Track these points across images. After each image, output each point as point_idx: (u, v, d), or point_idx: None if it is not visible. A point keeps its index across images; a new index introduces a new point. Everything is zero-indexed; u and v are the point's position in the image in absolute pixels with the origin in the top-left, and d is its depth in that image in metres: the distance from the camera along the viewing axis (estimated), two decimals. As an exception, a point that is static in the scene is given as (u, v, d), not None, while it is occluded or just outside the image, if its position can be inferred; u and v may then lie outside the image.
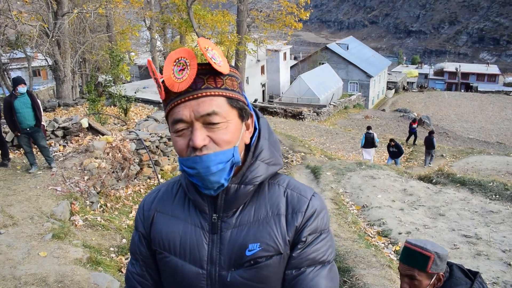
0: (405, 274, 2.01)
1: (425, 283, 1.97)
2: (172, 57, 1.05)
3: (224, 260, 1.14)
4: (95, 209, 6.30)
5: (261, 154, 1.17)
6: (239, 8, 19.87)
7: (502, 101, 45.96)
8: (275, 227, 1.14)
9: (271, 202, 1.17)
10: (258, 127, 1.21)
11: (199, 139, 1.04)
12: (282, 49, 38.55)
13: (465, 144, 24.52)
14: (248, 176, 1.14)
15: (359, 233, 6.09)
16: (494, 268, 5.08)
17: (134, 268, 1.29)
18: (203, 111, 1.04)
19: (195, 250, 1.16)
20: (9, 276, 3.80)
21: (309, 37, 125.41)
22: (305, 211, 1.16)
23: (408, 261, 2.00)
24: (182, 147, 1.08)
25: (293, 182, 1.23)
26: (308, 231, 1.15)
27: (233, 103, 1.09)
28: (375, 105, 44.66)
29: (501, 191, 8.27)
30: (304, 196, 1.19)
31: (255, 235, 1.13)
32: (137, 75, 32.66)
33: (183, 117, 1.05)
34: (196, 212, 1.19)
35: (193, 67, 1.03)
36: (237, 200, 1.14)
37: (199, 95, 1.05)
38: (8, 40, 15.12)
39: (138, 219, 1.30)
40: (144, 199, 1.32)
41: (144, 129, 8.86)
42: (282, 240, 1.13)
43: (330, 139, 19.53)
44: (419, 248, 1.97)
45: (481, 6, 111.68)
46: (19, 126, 6.31)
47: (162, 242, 1.20)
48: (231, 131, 1.08)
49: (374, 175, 9.28)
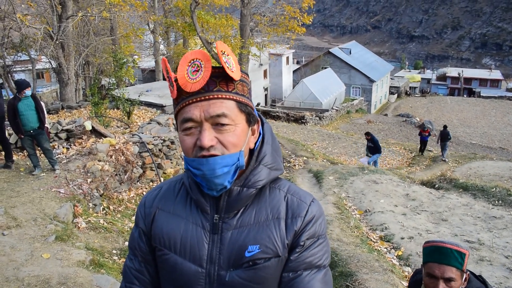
0: (443, 276, 1.84)
1: (459, 284, 1.86)
2: (187, 58, 1.08)
3: (224, 260, 1.16)
4: (98, 212, 6.32)
5: (264, 158, 1.19)
6: (243, 12, 19.93)
7: (504, 107, 45.88)
8: (274, 230, 1.17)
9: (271, 205, 1.20)
10: (262, 132, 1.25)
11: (207, 139, 1.06)
12: (284, 53, 38.60)
13: (467, 150, 24.47)
14: (251, 179, 1.16)
15: (362, 237, 6.08)
16: (497, 273, 5.06)
17: (132, 263, 1.31)
18: (213, 112, 1.07)
19: (195, 249, 1.18)
20: (13, 278, 3.81)
21: (311, 41, 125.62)
22: (304, 216, 1.19)
23: (445, 260, 1.85)
24: (189, 146, 1.10)
25: (293, 187, 1.26)
26: (306, 236, 1.18)
27: (242, 107, 1.12)
28: (377, 109, 44.64)
29: (504, 196, 8.26)
30: (304, 201, 1.22)
31: (255, 237, 1.16)
32: (140, 78, 32.75)
33: (193, 116, 1.08)
34: (197, 211, 1.21)
35: (207, 69, 1.06)
36: (239, 202, 1.17)
37: (210, 97, 1.08)
38: (13, 43, 15.18)
39: (139, 215, 1.31)
40: (145, 196, 1.34)
41: (147, 132, 8.88)
42: (281, 243, 1.16)
43: (332, 144, 19.52)
44: (454, 245, 1.86)
45: (483, 12, 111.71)
46: (22, 128, 6.33)
47: (162, 239, 1.22)
48: (238, 134, 1.11)
49: (376, 180, 9.26)
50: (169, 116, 10.44)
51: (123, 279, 1.34)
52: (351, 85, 43.52)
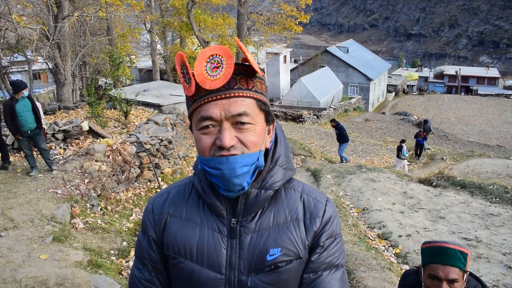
0: (447, 277, 1.80)
1: (461, 284, 1.83)
2: (205, 54, 1.03)
3: (244, 264, 1.13)
4: (95, 212, 6.30)
5: (279, 159, 1.18)
6: (239, 11, 19.90)
7: (502, 104, 46.02)
8: (295, 232, 1.15)
9: (289, 207, 1.18)
10: (275, 132, 1.22)
11: (228, 139, 1.03)
12: (282, 52, 38.63)
13: (465, 147, 24.53)
14: (268, 181, 1.14)
15: (360, 236, 6.09)
16: (495, 271, 5.08)
17: (141, 273, 1.25)
18: (234, 111, 1.04)
19: (213, 255, 1.14)
20: (10, 279, 3.80)
21: (309, 40, 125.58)
22: (322, 216, 1.18)
23: (450, 261, 1.80)
24: (207, 146, 1.07)
25: (307, 187, 1.25)
26: (326, 236, 1.18)
27: (261, 106, 1.10)
28: (375, 108, 44.70)
29: (501, 194, 8.28)
30: (320, 201, 1.21)
31: (276, 240, 1.14)
32: (137, 78, 32.69)
33: (212, 115, 1.04)
34: (212, 215, 1.17)
35: (229, 66, 1.02)
36: (257, 205, 1.14)
37: (231, 95, 1.04)
38: (9, 44, 15.13)
39: (147, 223, 1.25)
40: (151, 201, 1.28)
41: (145, 132, 8.87)
42: (302, 245, 1.15)
43: (330, 142, 19.53)
44: (457, 245, 1.83)
45: (481, 10, 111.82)
46: (20, 129, 6.32)
47: (177, 247, 1.17)
48: (258, 133, 1.08)
49: (374, 178, 9.28)
50: (166, 116, 10.43)
51: None
52: (349, 84, 43.56)
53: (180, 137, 10.73)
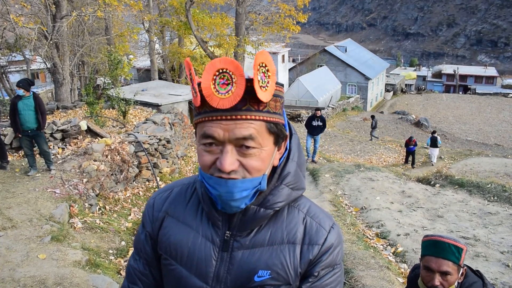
0: (439, 269, 1.89)
1: (455, 278, 1.90)
2: (215, 66, 0.94)
3: (231, 280, 1.10)
4: (94, 212, 6.30)
5: (287, 178, 1.10)
6: (238, 11, 19.88)
7: (500, 103, 46.14)
8: (288, 257, 1.09)
9: (288, 228, 1.12)
10: (289, 146, 1.14)
11: (228, 163, 0.97)
12: (280, 52, 38.60)
13: (463, 146, 24.58)
14: (270, 200, 1.08)
15: (358, 234, 6.10)
16: (493, 269, 5.09)
17: (136, 264, 1.26)
18: (239, 134, 0.96)
19: (202, 265, 1.11)
20: (8, 279, 3.79)
21: (307, 39, 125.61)
22: (322, 245, 1.11)
23: (442, 253, 1.89)
24: (207, 163, 1.01)
25: (313, 208, 1.17)
26: (322, 266, 1.11)
27: (272, 128, 1.01)
28: (373, 107, 44.74)
29: (499, 192, 8.30)
30: (323, 227, 1.13)
31: (267, 262, 1.08)
32: (135, 77, 32.65)
33: (215, 134, 0.97)
34: (208, 224, 1.13)
35: (239, 85, 0.93)
36: (254, 222, 1.09)
37: (238, 117, 0.96)
38: (7, 43, 15.08)
39: (146, 217, 1.25)
40: (153, 197, 1.27)
41: (143, 131, 8.86)
42: (294, 272, 1.09)
43: (328, 141, 19.56)
44: (452, 240, 1.90)
45: (478, 9, 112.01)
46: (20, 127, 6.35)
47: (169, 248, 1.16)
48: (263, 158, 1.01)
49: (372, 177, 9.29)
50: (164, 115, 10.42)
51: (126, 278, 1.31)
52: (347, 83, 43.61)
53: (179, 136, 10.73)
